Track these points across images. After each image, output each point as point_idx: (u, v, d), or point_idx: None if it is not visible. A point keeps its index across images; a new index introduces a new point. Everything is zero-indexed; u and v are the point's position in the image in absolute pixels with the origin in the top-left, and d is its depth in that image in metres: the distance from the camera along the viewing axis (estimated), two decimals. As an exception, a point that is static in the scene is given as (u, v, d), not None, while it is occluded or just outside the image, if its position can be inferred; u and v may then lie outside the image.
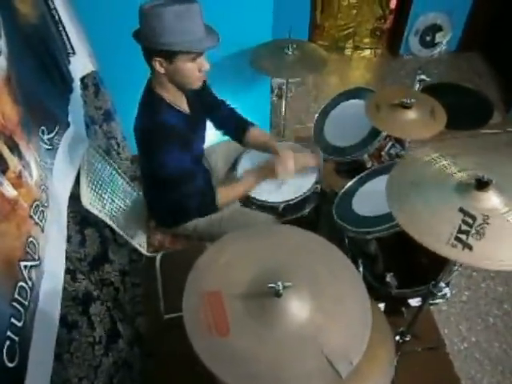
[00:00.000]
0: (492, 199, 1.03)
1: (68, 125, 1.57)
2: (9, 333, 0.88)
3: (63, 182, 1.43)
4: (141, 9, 1.26)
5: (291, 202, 1.82)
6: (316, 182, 1.82)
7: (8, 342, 0.86)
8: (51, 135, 1.40)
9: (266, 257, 1.02)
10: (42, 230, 1.13)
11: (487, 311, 2.19)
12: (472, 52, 4.01)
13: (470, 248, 0.97)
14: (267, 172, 1.70)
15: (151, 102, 1.44)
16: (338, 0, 3.83)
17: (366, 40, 4.15)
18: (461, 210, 1.03)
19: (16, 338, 0.90)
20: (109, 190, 1.78)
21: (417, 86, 1.92)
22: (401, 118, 1.72)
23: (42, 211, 1.15)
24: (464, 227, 1.00)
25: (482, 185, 1.03)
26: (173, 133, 1.42)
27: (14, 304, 0.92)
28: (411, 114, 1.72)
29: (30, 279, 1.01)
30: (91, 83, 2.16)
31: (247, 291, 0.94)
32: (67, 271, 1.27)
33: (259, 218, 1.76)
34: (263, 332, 0.88)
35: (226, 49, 1.35)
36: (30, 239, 1.04)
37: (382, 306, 1.72)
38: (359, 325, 0.91)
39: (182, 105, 1.53)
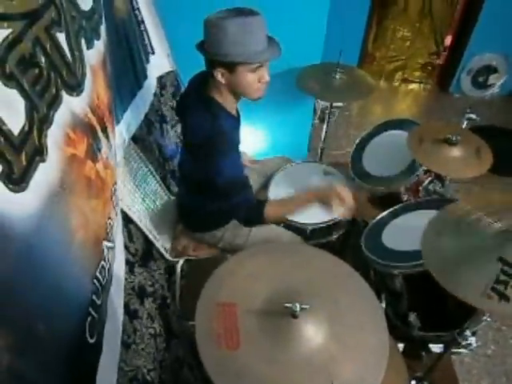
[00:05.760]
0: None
1: (118, 122, 1.60)
2: (90, 309, 0.89)
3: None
4: (205, 21, 1.30)
5: (320, 226, 1.79)
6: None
7: (89, 318, 0.88)
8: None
9: (286, 275, 1.00)
10: (116, 214, 1.15)
11: (514, 370, 2.05)
12: (525, 98, 3.89)
13: (508, 300, 0.92)
14: (323, 199, 1.47)
15: (210, 108, 1.44)
16: (392, 31, 3.83)
17: (417, 73, 4.10)
18: (500, 259, 0.98)
19: (96, 315, 0.91)
20: (141, 189, 1.80)
21: (464, 124, 1.87)
22: (444, 154, 1.67)
23: (117, 195, 1.17)
24: (502, 277, 0.96)
25: (524, 232, 0.98)
26: (231, 140, 1.43)
27: (95, 281, 0.93)
28: (455, 152, 1.66)
29: (108, 260, 1.02)
30: (170, 83, 2.19)
31: (263, 307, 0.91)
32: (126, 262, 1.27)
33: (286, 237, 1.74)
34: (274, 352, 0.86)
35: (275, 66, 1.36)
36: (109, 221, 1.06)
37: (401, 346, 1.65)
38: (374, 359, 0.87)
39: (233, 110, 1.54)
